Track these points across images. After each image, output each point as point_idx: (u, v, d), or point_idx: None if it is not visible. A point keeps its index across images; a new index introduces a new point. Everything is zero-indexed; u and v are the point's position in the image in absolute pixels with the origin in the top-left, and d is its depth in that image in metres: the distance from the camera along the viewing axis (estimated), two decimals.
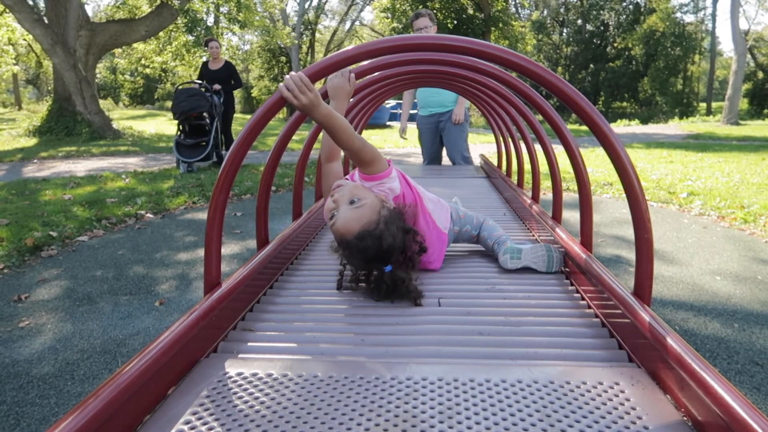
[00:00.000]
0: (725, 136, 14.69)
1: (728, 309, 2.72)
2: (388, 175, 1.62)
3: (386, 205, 1.54)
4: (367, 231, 1.45)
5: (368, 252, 1.46)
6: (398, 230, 1.49)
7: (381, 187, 1.59)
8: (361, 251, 1.46)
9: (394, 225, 1.48)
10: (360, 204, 1.48)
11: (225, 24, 19.04)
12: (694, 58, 33.44)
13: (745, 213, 4.58)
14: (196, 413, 0.95)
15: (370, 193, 1.54)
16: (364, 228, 1.45)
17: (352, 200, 1.49)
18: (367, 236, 1.45)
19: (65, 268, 3.41)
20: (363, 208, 1.48)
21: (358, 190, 1.53)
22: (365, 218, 1.47)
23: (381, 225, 1.46)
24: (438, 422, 0.92)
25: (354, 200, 1.49)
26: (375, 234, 1.45)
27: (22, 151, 10.15)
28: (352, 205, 1.48)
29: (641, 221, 1.20)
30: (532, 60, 1.32)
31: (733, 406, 0.79)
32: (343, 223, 1.47)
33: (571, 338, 1.30)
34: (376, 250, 1.46)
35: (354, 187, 1.54)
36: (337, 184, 1.57)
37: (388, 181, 1.62)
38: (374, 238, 1.45)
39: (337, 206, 1.50)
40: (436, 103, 4.99)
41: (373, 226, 1.46)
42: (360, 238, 1.45)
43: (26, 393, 2.03)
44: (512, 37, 22.00)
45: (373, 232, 1.45)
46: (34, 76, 37.51)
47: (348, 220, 1.47)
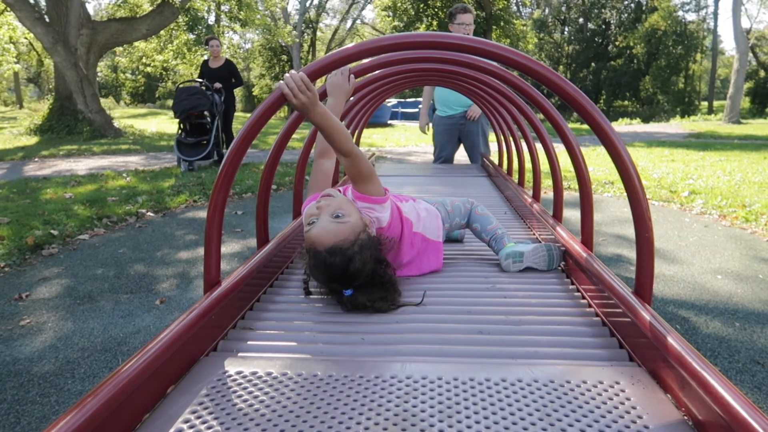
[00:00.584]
0: (727, 134, 14.67)
1: (729, 308, 2.72)
2: (381, 202, 1.58)
3: (368, 230, 1.49)
4: (339, 248, 1.41)
5: (333, 269, 1.42)
6: (371, 258, 1.44)
7: (370, 212, 1.55)
8: (327, 266, 1.42)
9: (369, 252, 1.44)
10: (342, 220, 1.44)
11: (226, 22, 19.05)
12: (695, 57, 33.39)
13: (746, 212, 4.57)
14: (195, 412, 0.95)
15: (356, 213, 1.49)
16: (337, 244, 1.41)
17: (336, 214, 1.45)
18: (337, 253, 1.40)
19: (66, 267, 3.41)
20: (344, 225, 1.43)
21: (347, 206, 1.49)
22: (342, 235, 1.42)
23: (355, 247, 1.42)
24: (438, 421, 0.91)
25: (338, 215, 1.45)
26: (346, 254, 1.40)
27: (24, 150, 10.16)
28: (334, 219, 1.44)
29: (642, 220, 1.20)
30: (533, 58, 1.32)
31: (734, 406, 0.79)
32: (319, 233, 1.43)
33: (571, 337, 1.30)
34: (341, 271, 1.41)
35: (343, 202, 1.50)
36: (327, 193, 1.53)
37: (380, 209, 1.57)
38: (344, 258, 1.40)
39: (319, 214, 1.46)
40: (456, 102, 4.87)
41: (347, 245, 1.41)
42: (330, 252, 1.40)
43: (27, 391, 2.03)
44: (513, 35, 21.97)
45: (345, 251, 1.41)
46: (36, 75, 37.55)
47: (325, 232, 1.42)
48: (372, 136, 13.66)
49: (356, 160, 1.52)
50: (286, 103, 1.37)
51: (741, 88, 20.99)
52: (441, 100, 5.02)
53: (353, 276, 1.43)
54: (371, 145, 11.53)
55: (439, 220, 1.84)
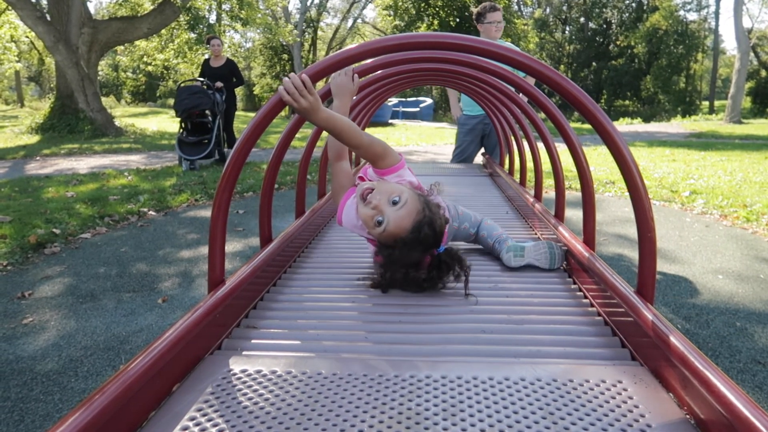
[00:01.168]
0: (728, 134, 14.66)
1: (730, 308, 2.72)
2: (402, 167, 1.62)
3: (416, 190, 1.54)
4: (419, 221, 1.45)
5: (427, 240, 1.46)
6: (437, 208, 1.50)
7: (399, 179, 1.59)
8: (421, 242, 1.46)
9: (433, 205, 1.50)
10: (403, 201, 1.46)
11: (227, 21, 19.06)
12: (696, 57, 33.34)
13: (747, 212, 4.58)
14: (200, 410, 0.96)
15: (400, 187, 1.52)
16: (415, 220, 1.45)
17: (393, 200, 1.46)
18: (421, 226, 1.45)
19: (68, 266, 3.42)
20: (408, 203, 1.46)
21: (391, 187, 1.51)
22: (414, 211, 1.45)
23: (427, 211, 1.47)
24: (441, 420, 0.92)
25: (395, 199, 1.46)
26: (426, 221, 1.45)
27: (25, 149, 10.17)
28: (395, 205, 1.46)
29: (644, 220, 1.21)
30: (534, 58, 1.32)
31: (737, 405, 0.80)
32: (397, 224, 1.45)
33: (574, 336, 1.31)
34: (433, 236, 1.47)
35: (386, 186, 1.51)
36: (366, 189, 1.52)
37: (404, 173, 1.62)
38: (428, 225, 1.45)
39: (379, 211, 1.46)
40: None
41: (421, 215, 1.45)
42: (416, 230, 1.44)
43: (30, 389, 2.04)
44: (515, 35, 21.96)
45: (424, 219, 1.45)
46: (37, 74, 37.56)
47: (401, 220, 1.45)
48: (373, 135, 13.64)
49: (369, 147, 1.55)
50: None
51: (742, 87, 20.97)
52: (466, 99, 5.04)
53: (441, 232, 1.50)
54: None
55: (446, 213, 1.84)
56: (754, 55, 30.22)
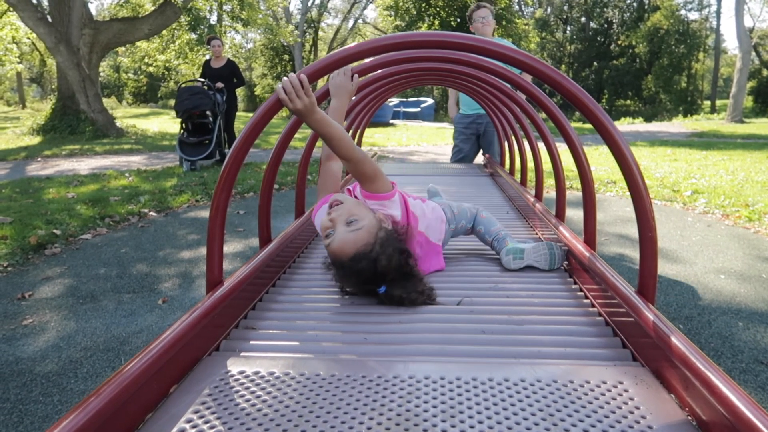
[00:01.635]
0: (729, 134, 14.63)
1: (732, 308, 2.71)
2: (390, 197, 1.57)
3: (384, 225, 1.49)
4: (362, 253, 1.41)
5: (362, 275, 1.43)
6: (394, 251, 1.44)
7: (382, 209, 1.55)
8: (356, 273, 1.43)
9: (391, 247, 1.44)
10: (357, 226, 1.43)
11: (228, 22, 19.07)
12: (698, 56, 33.29)
13: (749, 211, 4.56)
14: (198, 412, 0.95)
15: (368, 213, 1.49)
16: (359, 251, 1.41)
17: (349, 221, 1.45)
18: (362, 258, 1.41)
19: (69, 267, 3.42)
20: (360, 231, 1.43)
21: (357, 209, 1.48)
22: (362, 241, 1.42)
23: (377, 247, 1.42)
24: (440, 421, 0.91)
25: (351, 221, 1.44)
26: (371, 257, 1.41)
27: (26, 150, 10.18)
28: (349, 227, 1.44)
29: (645, 219, 1.20)
30: (535, 57, 1.32)
31: (739, 406, 0.79)
32: (339, 245, 1.43)
33: (574, 337, 1.30)
34: (371, 273, 1.42)
35: (354, 206, 1.49)
36: (336, 200, 1.52)
37: (390, 204, 1.57)
38: (369, 261, 1.41)
39: (333, 225, 1.46)
40: (475, 103, 4.88)
41: (368, 248, 1.41)
42: (355, 260, 1.41)
43: (29, 391, 2.03)
44: (516, 34, 21.94)
45: (369, 254, 1.41)
46: (38, 75, 37.60)
47: (345, 243, 1.42)
48: (374, 135, 13.65)
49: (359, 164, 1.51)
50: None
51: (744, 87, 20.93)
52: (464, 99, 5.06)
53: (383, 274, 1.43)
54: (373, 144, 11.53)
55: (443, 224, 1.83)
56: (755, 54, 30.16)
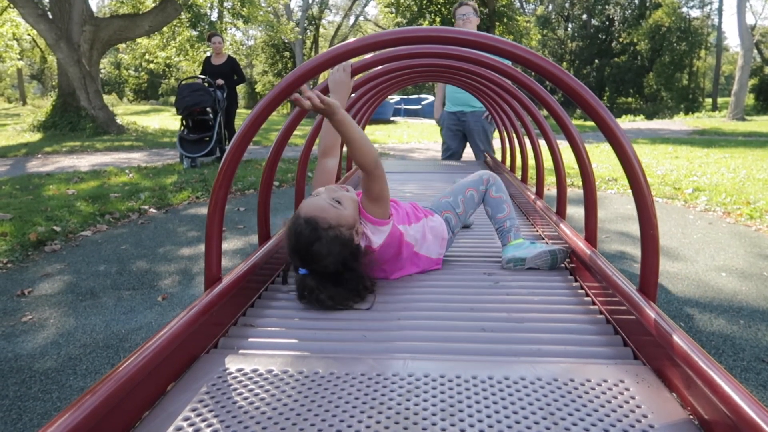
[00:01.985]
0: (731, 131, 14.60)
1: (734, 305, 2.70)
2: (380, 225, 1.55)
3: (353, 232, 1.47)
4: (315, 222, 1.40)
5: (299, 239, 1.41)
6: (339, 254, 1.42)
7: (365, 227, 1.53)
8: (296, 234, 1.42)
9: (340, 248, 1.42)
10: (336, 206, 1.44)
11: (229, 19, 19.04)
12: (699, 54, 33.22)
13: (751, 209, 4.55)
14: (195, 410, 0.94)
15: (353, 212, 1.49)
16: (315, 217, 1.41)
17: (336, 199, 1.46)
18: (311, 225, 1.40)
19: (68, 263, 3.41)
20: (333, 209, 1.44)
21: (349, 202, 1.49)
22: (325, 213, 1.42)
23: (330, 232, 1.41)
24: (440, 420, 0.90)
25: (338, 200, 1.46)
26: (318, 232, 1.40)
27: (27, 146, 10.17)
28: (331, 201, 1.46)
29: (647, 217, 1.19)
30: (537, 53, 1.30)
31: (741, 405, 0.78)
32: (309, 202, 1.46)
33: (575, 335, 1.29)
34: (305, 244, 1.40)
35: (349, 198, 1.50)
36: (343, 186, 1.55)
37: (375, 231, 1.54)
38: (313, 233, 1.40)
39: (322, 192, 1.49)
40: (461, 101, 4.87)
41: (324, 224, 1.40)
42: (306, 221, 1.41)
43: (29, 387, 2.03)
44: (517, 32, 21.89)
45: (318, 228, 1.40)
46: (39, 72, 37.58)
47: (314, 204, 1.44)
48: (375, 132, 13.64)
49: (371, 180, 1.49)
50: (288, 100, 1.36)
51: (745, 84, 20.88)
52: (448, 96, 5.04)
53: (313, 257, 1.41)
54: (374, 141, 11.51)
55: (445, 242, 1.80)
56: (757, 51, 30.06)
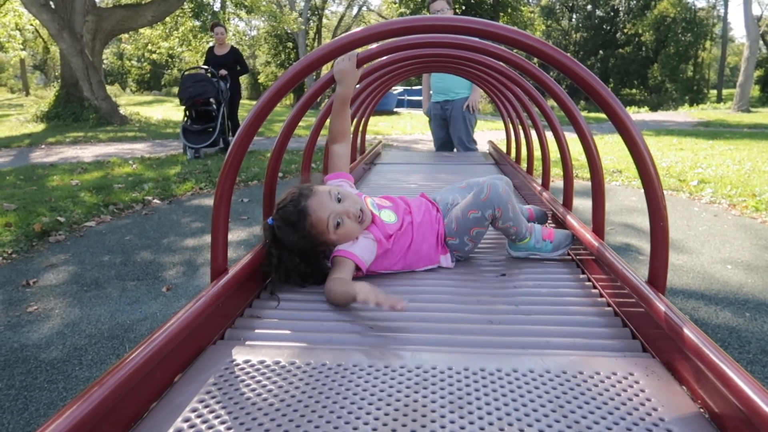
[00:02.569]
0: (736, 123, 14.52)
1: (739, 298, 2.69)
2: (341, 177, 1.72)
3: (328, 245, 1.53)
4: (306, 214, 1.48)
5: (287, 214, 1.50)
6: (295, 229, 1.49)
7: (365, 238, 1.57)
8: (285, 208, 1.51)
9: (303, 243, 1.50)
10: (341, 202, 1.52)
11: (232, 9, 18.95)
12: (705, 45, 33.02)
13: (756, 201, 4.53)
14: (203, 401, 0.94)
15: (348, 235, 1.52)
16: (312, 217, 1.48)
17: (339, 198, 1.52)
18: (301, 215, 1.48)
19: (73, 254, 3.42)
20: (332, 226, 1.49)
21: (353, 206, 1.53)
22: (320, 223, 1.49)
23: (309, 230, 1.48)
24: (448, 412, 0.90)
25: (339, 199, 1.52)
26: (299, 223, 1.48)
27: (30, 137, 10.17)
28: (335, 196, 1.52)
29: (657, 209, 1.17)
30: (548, 43, 1.29)
31: (754, 398, 0.77)
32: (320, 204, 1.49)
33: (583, 327, 1.28)
34: (283, 201, 1.53)
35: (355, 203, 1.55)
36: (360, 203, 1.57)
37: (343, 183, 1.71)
38: (295, 199, 1.51)
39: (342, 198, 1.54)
40: (441, 89, 4.95)
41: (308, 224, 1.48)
42: (299, 211, 1.48)
43: (34, 377, 2.03)
44: (521, 22, 21.80)
45: (303, 221, 1.48)
46: (42, 62, 37.55)
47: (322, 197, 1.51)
48: (378, 124, 13.60)
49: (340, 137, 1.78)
50: (293, 90, 1.35)
51: (751, 76, 20.75)
52: (432, 85, 5.08)
53: (278, 212, 1.52)
54: (377, 132, 11.48)
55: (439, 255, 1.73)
56: (763, 43, 29.84)
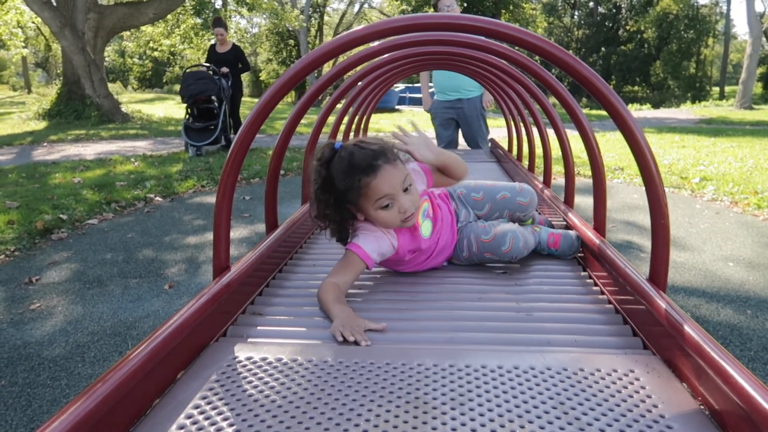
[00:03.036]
0: (738, 120, 14.49)
1: (741, 295, 2.69)
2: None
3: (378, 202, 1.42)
4: (374, 144, 1.43)
5: (371, 146, 1.43)
6: (347, 182, 1.40)
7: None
8: (375, 151, 1.41)
9: (352, 181, 1.39)
10: (406, 192, 1.44)
11: (233, 6, 18.94)
12: (707, 42, 32.94)
13: (758, 198, 4.52)
14: (205, 398, 0.94)
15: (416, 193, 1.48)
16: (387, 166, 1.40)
17: (406, 188, 1.44)
18: (375, 142, 1.44)
19: (75, 251, 3.43)
20: (401, 191, 1.42)
21: (411, 205, 1.44)
22: (390, 179, 1.40)
23: (369, 172, 1.38)
24: (450, 408, 0.90)
25: (406, 188, 1.43)
26: (374, 160, 1.39)
27: (32, 135, 10.19)
28: (405, 183, 1.44)
29: (658, 206, 1.18)
30: (547, 40, 1.29)
31: (754, 396, 0.77)
32: (396, 169, 1.43)
33: (584, 325, 1.28)
34: (368, 154, 1.40)
35: (414, 203, 1.46)
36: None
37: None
38: (372, 157, 1.39)
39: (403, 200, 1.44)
40: (454, 88, 4.78)
41: (382, 147, 1.42)
42: (385, 152, 1.42)
43: (38, 375, 2.04)
44: (523, 19, 21.75)
45: (377, 158, 1.39)
46: (44, 60, 37.60)
47: (397, 173, 1.42)
48: (380, 121, 13.59)
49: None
50: (296, 88, 1.35)
51: (754, 73, 20.69)
52: (438, 85, 4.93)
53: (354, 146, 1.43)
54: (379, 130, 11.48)
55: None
56: (766, 39, 29.74)
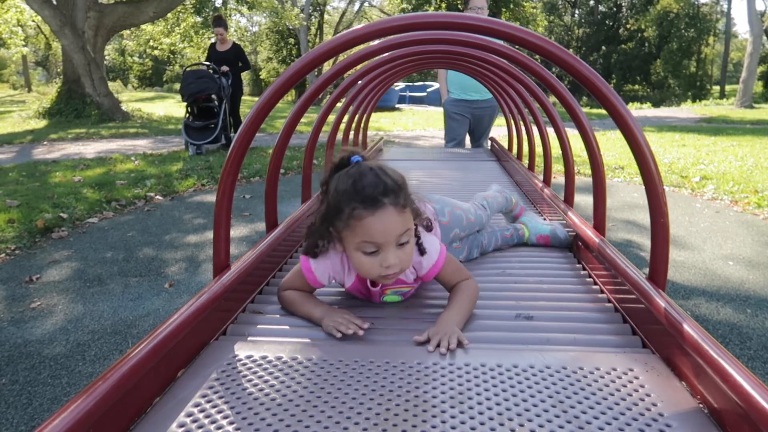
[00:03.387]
0: (739, 119, 14.48)
1: (741, 294, 2.69)
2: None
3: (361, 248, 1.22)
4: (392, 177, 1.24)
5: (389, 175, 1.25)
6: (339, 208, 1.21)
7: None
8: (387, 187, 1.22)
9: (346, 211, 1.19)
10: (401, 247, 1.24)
11: (233, 5, 18.92)
12: (708, 40, 32.88)
13: (758, 197, 4.52)
14: (205, 396, 0.95)
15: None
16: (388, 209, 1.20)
17: (402, 243, 1.24)
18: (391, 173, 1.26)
19: (76, 250, 3.43)
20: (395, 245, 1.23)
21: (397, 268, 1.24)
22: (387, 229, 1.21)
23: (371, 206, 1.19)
24: (449, 407, 0.90)
25: (402, 244, 1.23)
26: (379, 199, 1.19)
27: (32, 133, 10.18)
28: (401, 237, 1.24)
29: (657, 205, 1.18)
30: (547, 38, 1.29)
31: (753, 394, 0.78)
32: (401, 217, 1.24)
33: (583, 323, 1.29)
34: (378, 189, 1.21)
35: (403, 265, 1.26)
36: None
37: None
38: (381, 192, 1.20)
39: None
40: (474, 87, 4.71)
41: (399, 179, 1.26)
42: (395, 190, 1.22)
43: (38, 373, 2.05)
44: (523, 18, 21.71)
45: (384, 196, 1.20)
46: (44, 58, 37.56)
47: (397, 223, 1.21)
48: (380, 120, 13.59)
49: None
50: (296, 86, 1.35)
51: (754, 72, 20.67)
52: (456, 82, 4.86)
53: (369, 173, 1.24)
54: (379, 129, 11.47)
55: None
56: (766, 38, 29.71)
